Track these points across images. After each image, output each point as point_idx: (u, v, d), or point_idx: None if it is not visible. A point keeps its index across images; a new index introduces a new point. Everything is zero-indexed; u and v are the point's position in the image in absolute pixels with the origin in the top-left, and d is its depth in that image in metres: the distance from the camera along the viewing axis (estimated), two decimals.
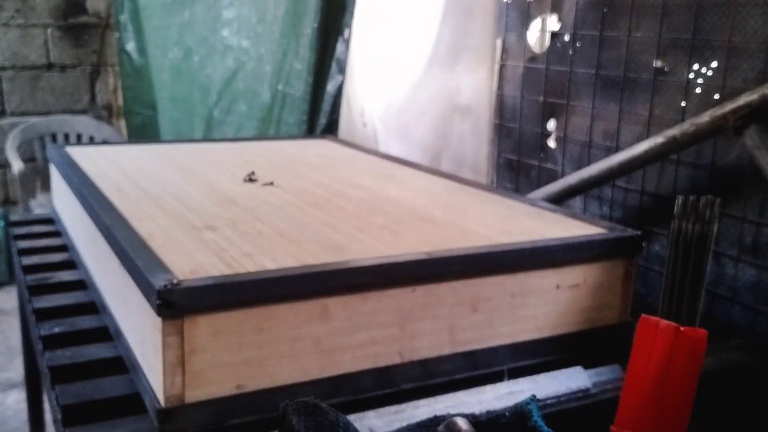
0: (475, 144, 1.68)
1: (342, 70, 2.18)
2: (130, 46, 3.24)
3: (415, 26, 1.79)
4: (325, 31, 2.21)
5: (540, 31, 1.55)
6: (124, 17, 3.24)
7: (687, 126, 1.18)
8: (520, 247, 0.92)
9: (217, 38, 2.63)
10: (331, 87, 2.23)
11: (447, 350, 0.88)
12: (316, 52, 2.23)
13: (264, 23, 2.40)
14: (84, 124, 3.34)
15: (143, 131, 3.25)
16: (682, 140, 1.19)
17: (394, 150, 1.85)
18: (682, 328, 0.75)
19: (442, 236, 0.95)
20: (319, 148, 1.65)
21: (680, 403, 0.76)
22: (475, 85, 1.67)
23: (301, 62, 2.30)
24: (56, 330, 0.99)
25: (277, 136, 2.35)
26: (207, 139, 2.75)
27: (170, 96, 2.93)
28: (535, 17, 1.56)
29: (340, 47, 2.19)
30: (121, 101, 3.51)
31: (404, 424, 0.72)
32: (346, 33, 2.16)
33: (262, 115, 2.43)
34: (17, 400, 2.35)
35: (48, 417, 1.76)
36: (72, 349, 0.93)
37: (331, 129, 2.23)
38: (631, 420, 0.78)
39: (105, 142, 3.07)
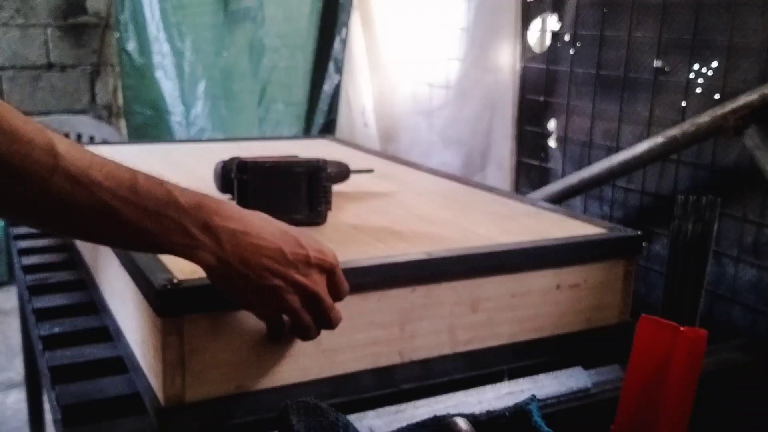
0: (499, 140, 1.68)
1: (339, 70, 2.18)
2: (131, 46, 3.23)
3: (438, 23, 1.80)
4: (322, 30, 2.21)
5: (540, 31, 1.55)
6: (125, 17, 3.24)
7: (687, 126, 1.18)
8: (520, 247, 0.92)
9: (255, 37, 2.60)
10: (328, 87, 2.23)
11: (447, 350, 0.88)
12: (314, 51, 2.23)
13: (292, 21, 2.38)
14: (84, 124, 3.34)
15: (144, 131, 3.24)
16: (682, 140, 1.19)
17: (413, 148, 1.85)
18: (682, 328, 0.75)
19: (442, 236, 0.95)
20: (319, 147, 1.65)
21: (680, 403, 0.76)
22: (499, 81, 1.67)
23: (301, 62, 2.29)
24: (56, 330, 0.99)
25: (277, 136, 2.35)
26: (207, 139, 2.75)
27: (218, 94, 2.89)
28: (535, 17, 1.56)
29: (337, 46, 2.19)
30: (121, 101, 3.52)
31: (404, 424, 0.72)
32: (343, 32, 2.15)
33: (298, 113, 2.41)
34: (17, 400, 2.35)
35: (48, 417, 1.76)
36: (72, 349, 0.93)
37: (328, 129, 2.23)
38: (631, 420, 0.78)
39: (105, 142, 3.07)
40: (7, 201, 0.58)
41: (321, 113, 2.26)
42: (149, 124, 3.19)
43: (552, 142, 1.55)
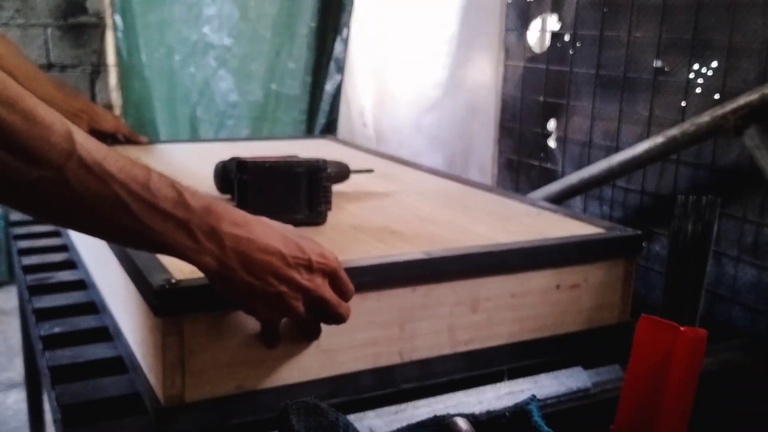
0: (482, 144, 1.69)
1: (340, 70, 2.18)
2: (124, 46, 3.24)
3: (426, 25, 1.80)
4: (322, 30, 2.21)
5: (540, 31, 1.55)
6: (118, 17, 3.24)
7: (687, 126, 1.18)
8: (520, 246, 0.92)
9: (201, 36, 2.59)
10: (329, 87, 2.23)
11: (447, 350, 0.88)
12: (313, 51, 2.23)
13: (250, 21, 2.38)
14: None
15: (138, 131, 3.23)
16: (682, 140, 1.19)
17: (402, 149, 1.85)
18: (682, 328, 0.75)
19: (442, 236, 0.95)
20: (319, 147, 1.65)
21: (680, 403, 0.76)
22: (483, 85, 1.67)
23: (297, 61, 2.29)
24: (56, 330, 0.99)
25: (277, 136, 2.35)
26: (207, 139, 2.75)
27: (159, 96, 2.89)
28: (535, 17, 1.56)
29: (338, 47, 2.19)
30: (120, 101, 3.52)
31: (404, 424, 0.72)
32: (344, 32, 2.16)
33: (254, 115, 2.41)
34: (17, 400, 2.35)
35: (48, 417, 1.76)
36: (72, 349, 0.93)
37: (330, 129, 2.23)
38: (631, 420, 0.78)
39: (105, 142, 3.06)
40: (19, 187, 0.57)
41: (323, 113, 2.26)
42: (138, 125, 3.19)
43: (552, 142, 1.55)
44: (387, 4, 1.97)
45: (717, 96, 1.18)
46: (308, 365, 0.80)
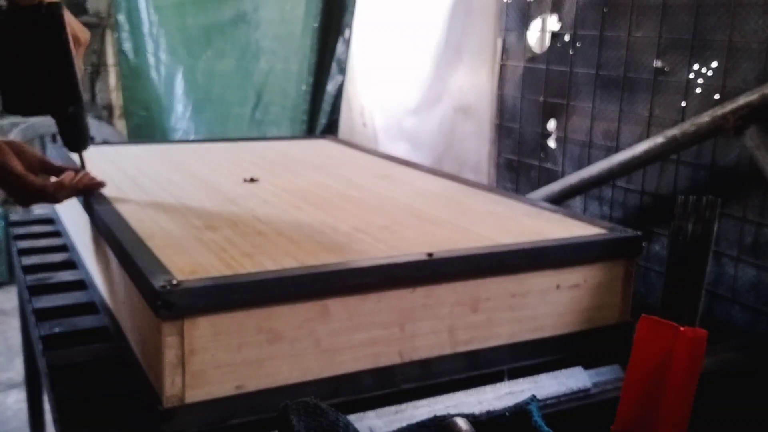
0: (476, 144, 1.69)
1: (342, 71, 2.18)
2: (127, 47, 3.23)
3: (419, 26, 1.80)
4: (325, 31, 2.21)
5: (540, 31, 1.55)
6: (122, 17, 3.23)
7: (687, 126, 1.18)
8: (521, 247, 0.92)
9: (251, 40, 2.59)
10: (331, 87, 2.23)
11: (447, 350, 0.88)
12: (316, 52, 2.23)
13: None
14: None
15: (139, 132, 3.24)
16: (682, 140, 1.19)
17: (395, 150, 1.85)
18: (682, 328, 0.75)
19: (442, 236, 0.95)
20: (319, 148, 1.65)
21: (680, 403, 0.76)
22: (476, 85, 1.67)
23: (301, 62, 2.29)
24: (56, 330, 0.99)
25: (277, 136, 2.35)
26: (207, 139, 2.75)
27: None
28: (535, 17, 1.56)
29: (340, 47, 2.19)
30: (120, 101, 3.52)
31: (404, 424, 0.72)
32: (346, 33, 2.16)
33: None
34: (17, 400, 2.35)
35: (48, 417, 1.76)
36: (72, 349, 0.94)
37: (331, 129, 2.23)
38: (631, 420, 0.78)
39: (105, 142, 3.07)
40: None
41: (324, 113, 2.26)
42: (143, 125, 3.19)
43: (552, 142, 1.55)
44: (387, 6, 1.97)
45: (717, 96, 1.18)
46: (308, 365, 0.80)
